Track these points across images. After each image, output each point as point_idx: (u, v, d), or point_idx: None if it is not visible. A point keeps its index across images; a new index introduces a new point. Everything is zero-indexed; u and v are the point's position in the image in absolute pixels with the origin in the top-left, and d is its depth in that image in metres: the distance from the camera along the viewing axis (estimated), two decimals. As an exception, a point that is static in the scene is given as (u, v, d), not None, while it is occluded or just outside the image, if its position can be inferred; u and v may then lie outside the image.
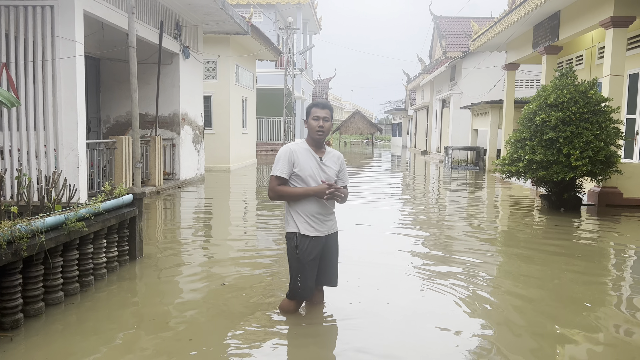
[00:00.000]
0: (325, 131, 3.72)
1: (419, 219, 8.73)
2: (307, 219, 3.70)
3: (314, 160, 3.72)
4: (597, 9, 10.28)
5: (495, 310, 4.19)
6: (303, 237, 3.69)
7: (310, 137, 3.78)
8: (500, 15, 14.47)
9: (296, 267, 3.74)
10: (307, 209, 3.70)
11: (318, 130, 3.69)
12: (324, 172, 3.73)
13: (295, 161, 3.68)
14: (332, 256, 3.89)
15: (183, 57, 12.71)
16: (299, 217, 3.71)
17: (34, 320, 3.71)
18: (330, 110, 3.77)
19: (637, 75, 11.06)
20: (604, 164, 8.77)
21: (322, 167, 3.72)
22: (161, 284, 4.85)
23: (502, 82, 19.96)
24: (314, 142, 3.76)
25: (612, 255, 6.42)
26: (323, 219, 3.75)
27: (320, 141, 3.75)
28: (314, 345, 3.53)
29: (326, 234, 3.79)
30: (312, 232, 3.71)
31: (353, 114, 51.37)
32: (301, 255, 3.70)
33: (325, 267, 3.86)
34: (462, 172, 18.52)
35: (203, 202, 10.59)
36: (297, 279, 3.74)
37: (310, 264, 3.72)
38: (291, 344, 3.54)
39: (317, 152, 3.76)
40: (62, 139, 7.85)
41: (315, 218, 3.72)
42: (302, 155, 3.70)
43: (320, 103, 3.78)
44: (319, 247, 3.74)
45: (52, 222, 3.91)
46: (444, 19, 28.83)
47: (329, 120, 3.73)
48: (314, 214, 3.71)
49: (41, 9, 7.63)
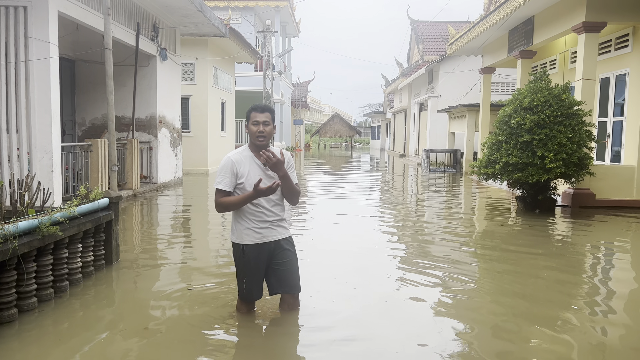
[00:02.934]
0: (267, 136, 3.58)
1: (395, 220, 8.79)
2: (253, 224, 3.64)
3: (257, 167, 3.61)
4: (569, 15, 10.52)
5: (470, 309, 4.25)
6: (250, 245, 3.65)
7: (252, 143, 3.65)
8: (477, 20, 14.69)
9: (240, 270, 3.73)
10: (253, 215, 3.63)
11: (258, 135, 3.57)
12: (270, 177, 3.62)
13: (238, 172, 3.58)
14: (288, 262, 3.76)
15: (160, 59, 12.60)
16: (245, 224, 3.65)
17: (7, 327, 3.63)
18: (271, 113, 3.65)
19: (609, 79, 11.34)
20: (577, 166, 8.96)
21: (266, 173, 3.61)
22: (137, 289, 4.79)
23: (478, 85, 20.25)
24: (257, 147, 3.61)
25: (585, 255, 6.57)
26: (270, 224, 3.67)
27: (262, 146, 3.59)
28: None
29: (274, 239, 3.70)
30: (258, 239, 3.65)
31: (332, 117, 51.45)
32: (246, 261, 3.67)
33: (283, 274, 3.76)
34: (439, 175, 18.73)
35: (181, 206, 10.50)
36: (243, 281, 3.74)
37: (256, 269, 3.69)
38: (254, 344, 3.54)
39: (260, 157, 3.57)
40: (35, 142, 7.70)
41: (262, 223, 3.64)
42: (244, 165, 3.59)
43: (259, 107, 3.63)
44: (265, 253, 3.69)
45: (26, 227, 3.84)
46: (421, 23, 29.12)
47: (269, 124, 3.60)
48: (260, 220, 3.64)
49: (14, 10, 7.48)
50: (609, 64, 11.34)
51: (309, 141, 53.95)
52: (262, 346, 3.55)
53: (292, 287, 3.83)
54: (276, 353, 3.46)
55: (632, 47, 10.54)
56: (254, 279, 3.73)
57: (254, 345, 3.56)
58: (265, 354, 3.45)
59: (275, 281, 3.79)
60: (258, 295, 3.81)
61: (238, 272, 3.78)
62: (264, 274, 3.77)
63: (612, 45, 11.20)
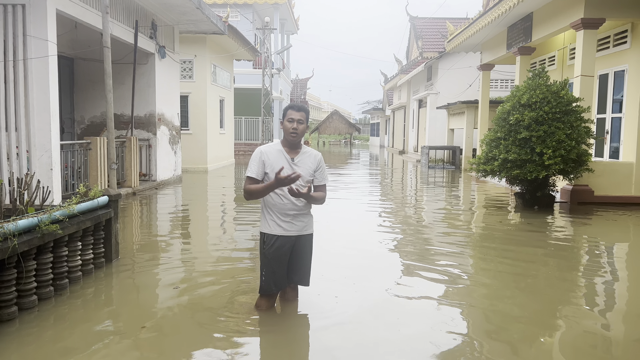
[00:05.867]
0: (299, 133, 3.80)
1: (395, 217, 8.81)
2: (276, 217, 3.80)
3: (285, 160, 3.79)
4: (568, 11, 10.52)
5: (468, 306, 4.27)
6: (271, 235, 3.80)
7: (284, 138, 3.87)
8: (475, 17, 14.68)
9: (262, 261, 3.87)
10: (277, 207, 3.79)
11: (292, 132, 3.79)
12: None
13: (266, 161, 3.77)
14: (304, 257, 3.95)
15: (159, 57, 12.58)
16: (269, 215, 3.83)
17: (7, 325, 3.65)
18: (306, 113, 3.86)
19: (607, 75, 11.35)
20: (576, 163, 8.98)
21: (293, 167, 3.78)
22: (137, 287, 4.81)
23: (477, 82, 20.25)
24: (288, 143, 3.84)
25: (584, 251, 6.59)
26: (293, 219, 3.81)
27: (294, 142, 3.84)
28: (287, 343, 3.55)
29: (297, 234, 3.85)
30: (279, 232, 3.80)
31: (331, 114, 51.46)
32: (267, 251, 3.81)
33: (297, 266, 3.94)
34: (438, 172, 18.74)
35: (180, 203, 10.51)
36: (262, 272, 3.86)
37: (275, 260, 3.80)
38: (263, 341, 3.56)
39: (291, 152, 3.85)
40: (34, 140, 7.71)
41: (284, 217, 3.79)
42: (272, 155, 3.80)
43: (296, 106, 3.86)
44: (287, 246, 3.82)
45: (25, 225, 3.85)
46: (420, 19, 29.10)
47: (303, 122, 3.82)
48: (282, 213, 3.79)
49: (12, 8, 7.47)
50: (607, 60, 11.35)
51: (308, 138, 53.92)
52: (260, 341, 3.57)
53: (302, 279, 4.00)
54: (274, 348, 3.48)
55: (630, 44, 10.55)
56: (273, 270, 3.82)
57: (253, 341, 3.58)
58: (263, 348, 3.47)
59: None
60: (278, 288, 3.91)
61: (260, 262, 3.92)
62: (285, 267, 3.88)
63: (610, 42, 11.20)
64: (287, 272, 3.92)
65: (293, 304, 4.11)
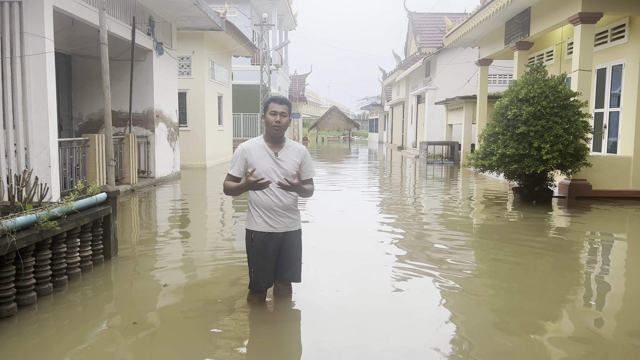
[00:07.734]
0: (282, 126, 3.74)
1: (394, 212, 8.82)
2: (262, 214, 3.75)
3: (268, 156, 3.73)
4: (565, 6, 10.51)
5: (466, 301, 4.29)
6: (257, 232, 3.76)
7: (267, 133, 3.80)
8: (473, 12, 14.67)
9: (249, 257, 3.85)
10: (262, 204, 3.74)
11: (275, 125, 3.71)
12: (280, 167, 3.73)
13: (248, 159, 3.73)
14: (293, 253, 3.90)
15: (156, 54, 12.56)
16: (255, 212, 3.78)
17: (6, 322, 3.66)
18: (289, 106, 3.79)
19: (605, 70, 11.36)
20: (574, 157, 9.00)
21: (277, 162, 3.73)
22: (136, 283, 4.82)
23: (475, 77, 20.22)
24: (271, 137, 3.78)
25: (582, 246, 6.61)
26: (279, 215, 3.77)
27: (277, 136, 3.76)
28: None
29: (284, 230, 3.81)
30: (266, 228, 3.76)
31: (330, 110, 51.39)
32: (255, 248, 3.78)
33: (287, 263, 3.90)
34: (437, 167, 18.76)
35: (179, 200, 10.52)
36: (251, 269, 3.85)
37: (263, 257, 3.78)
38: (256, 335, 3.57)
39: (274, 147, 3.77)
40: (32, 138, 7.71)
41: (270, 213, 3.75)
42: (255, 152, 3.74)
43: (278, 98, 3.78)
44: (274, 243, 3.79)
45: (24, 222, 3.86)
46: (418, 15, 29.05)
47: (286, 115, 3.76)
48: (269, 209, 3.74)
49: (9, 5, 7.45)
50: (605, 54, 11.35)
51: (307, 134, 53.86)
52: (257, 337, 3.59)
53: (293, 276, 3.96)
54: (271, 344, 3.50)
55: (628, 38, 10.55)
56: (261, 267, 3.81)
57: (247, 336, 3.60)
58: (261, 344, 3.49)
59: (275, 269, 3.91)
60: (266, 285, 3.89)
61: (248, 259, 3.88)
62: (273, 264, 3.85)
63: (608, 36, 11.20)
64: (277, 269, 3.89)
65: (287, 299, 4.08)
